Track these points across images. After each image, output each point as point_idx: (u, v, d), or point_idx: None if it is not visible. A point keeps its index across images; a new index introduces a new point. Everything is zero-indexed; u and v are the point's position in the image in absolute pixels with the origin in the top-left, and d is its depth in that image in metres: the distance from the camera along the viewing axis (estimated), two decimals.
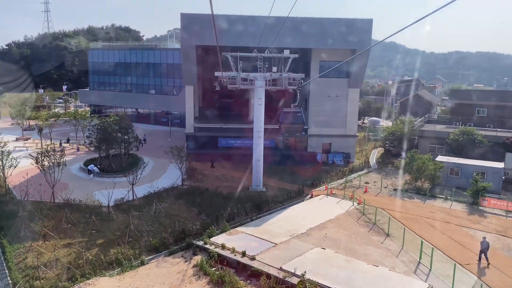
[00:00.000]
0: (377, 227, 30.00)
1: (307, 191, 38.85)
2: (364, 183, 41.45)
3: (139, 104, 78.49)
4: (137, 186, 35.70)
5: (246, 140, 50.04)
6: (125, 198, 34.22)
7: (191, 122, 49.99)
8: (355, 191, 37.67)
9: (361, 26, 47.38)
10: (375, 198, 36.71)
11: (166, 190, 37.70)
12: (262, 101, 38.42)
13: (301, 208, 33.86)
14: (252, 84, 38.64)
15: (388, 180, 43.76)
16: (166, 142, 57.46)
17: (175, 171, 40.21)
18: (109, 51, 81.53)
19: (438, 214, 33.22)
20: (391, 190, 39.76)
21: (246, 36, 45.17)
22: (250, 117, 52.99)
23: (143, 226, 30.27)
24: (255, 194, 37.84)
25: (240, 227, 29.28)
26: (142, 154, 52.03)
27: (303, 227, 29.26)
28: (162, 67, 74.63)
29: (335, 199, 35.93)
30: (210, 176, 43.61)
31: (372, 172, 47.25)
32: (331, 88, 50.37)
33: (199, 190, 37.72)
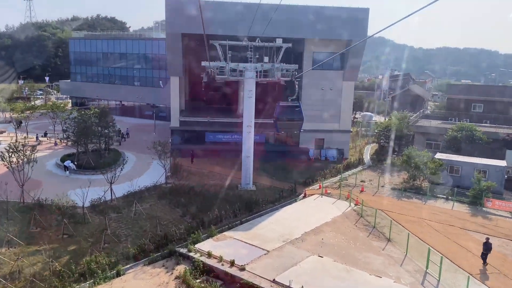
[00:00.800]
0: (377, 231, 27.68)
1: (300, 190, 36.43)
2: (360, 182, 39.15)
3: (124, 97, 75.12)
4: (117, 184, 32.83)
5: (235, 135, 47.42)
6: (102, 198, 31.28)
7: (177, 115, 47.10)
8: (351, 191, 35.33)
9: (357, 16, 44.89)
10: (372, 198, 34.43)
11: (148, 189, 34.90)
12: (253, 93, 35.75)
13: (294, 209, 31.38)
14: (242, 76, 35.92)
15: (384, 178, 41.54)
16: (150, 137, 54.45)
17: (159, 168, 37.39)
18: (91, 40, 77.77)
19: (440, 216, 31.05)
20: (389, 190, 37.53)
21: (235, 25, 42.31)
22: (239, 110, 50.38)
23: (122, 229, 27.50)
24: (244, 193, 35.31)
25: (229, 231, 26.68)
26: (124, 149, 49.02)
27: (297, 231, 26.78)
28: (148, 57, 71.38)
29: (331, 199, 33.54)
30: (196, 173, 40.89)
31: (367, 170, 45.02)
32: (325, 81, 47.94)
33: (184, 189, 35.01)
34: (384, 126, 50.17)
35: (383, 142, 51.07)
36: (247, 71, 35.30)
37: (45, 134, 54.30)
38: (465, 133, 44.45)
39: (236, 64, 35.65)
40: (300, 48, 47.04)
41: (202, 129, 47.18)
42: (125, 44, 73.36)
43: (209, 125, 47.09)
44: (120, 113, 75.89)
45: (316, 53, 47.37)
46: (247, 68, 35.31)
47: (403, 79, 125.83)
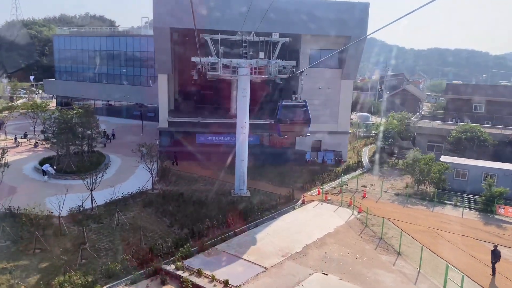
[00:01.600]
0: (385, 242, 25.18)
1: (298, 196, 33.90)
2: (361, 187, 36.69)
3: (111, 96, 71.86)
4: (99, 190, 29.97)
5: (227, 137, 44.72)
6: (82, 206, 28.45)
7: (165, 115, 44.24)
8: (353, 197, 32.85)
9: (357, 11, 42.48)
10: (376, 205, 31.96)
11: (133, 196, 32.03)
12: (247, 92, 33.09)
13: (293, 218, 28.76)
14: (235, 73, 33.24)
15: (386, 182, 39.13)
16: (137, 138, 51.58)
17: (145, 172, 34.53)
18: (76, 37, 74.41)
19: (451, 225, 28.67)
20: (392, 195, 35.10)
21: (228, 19, 39.64)
22: (232, 111, 47.67)
23: (102, 242, 24.65)
24: (238, 200, 32.65)
25: (221, 244, 23.98)
26: (109, 151, 46.07)
27: (298, 244, 24.17)
28: (136, 55, 68.24)
29: (332, 207, 30.99)
30: (186, 177, 38.11)
31: (367, 173, 42.59)
32: (322, 80, 45.45)
33: (172, 196, 32.21)
34: (384, 128, 47.82)
35: (382, 144, 48.69)
36: (241, 68, 32.63)
37: (25, 135, 51.07)
38: (469, 135, 42.26)
39: (229, 60, 32.95)
40: (296, 44, 44.47)
41: (192, 130, 44.36)
42: (111, 41, 70.16)
43: (200, 126, 44.30)
44: (106, 113, 72.73)
45: (313, 50, 44.88)
46: (241, 64, 32.64)
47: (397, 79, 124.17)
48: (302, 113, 25.89)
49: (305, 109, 26.25)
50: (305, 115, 26.00)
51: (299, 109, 26.23)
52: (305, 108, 26.27)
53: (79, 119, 39.52)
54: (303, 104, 26.45)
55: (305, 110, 26.20)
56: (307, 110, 26.05)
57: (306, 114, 25.91)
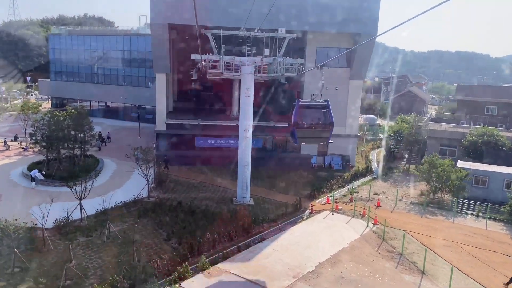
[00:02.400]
0: (406, 259, 22.58)
1: (305, 204, 31.36)
2: (373, 195, 34.10)
3: (108, 97, 69.29)
4: (90, 198, 27.44)
5: (229, 140, 42.19)
6: (69, 217, 25.84)
7: (163, 117, 41.65)
8: (366, 206, 30.29)
9: (367, 6, 39.99)
10: (391, 216, 29.37)
11: (126, 205, 29.42)
12: (251, 92, 30.55)
13: (302, 230, 26.16)
14: (238, 72, 30.73)
15: (399, 189, 36.56)
16: (134, 141, 49.02)
17: (141, 178, 31.85)
18: (72, 36, 71.85)
19: (476, 238, 26.08)
20: (408, 204, 32.50)
21: (230, 15, 37.12)
22: (233, 112, 45.21)
23: (90, 259, 22.04)
24: (241, 209, 30.04)
25: (224, 262, 21.39)
26: (104, 155, 43.47)
27: (310, 261, 21.58)
28: (134, 55, 65.70)
29: (344, 218, 28.37)
30: (185, 184, 35.52)
31: (377, 179, 39.98)
32: (329, 80, 42.63)
33: (170, 205, 29.63)
34: (395, 131, 45.22)
35: (393, 148, 46.11)
36: (244, 66, 30.11)
37: (15, 138, 48.43)
38: (486, 139, 39.71)
39: (231, 57, 30.48)
40: (302, 42, 42.03)
41: (192, 133, 41.77)
42: (108, 41, 67.69)
43: (200, 128, 41.73)
44: (103, 115, 70.26)
45: (320, 48, 42.37)
46: (244, 62, 30.13)
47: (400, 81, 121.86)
48: (323, 115, 21.23)
49: (327, 110, 21.41)
50: (327, 117, 21.28)
51: (319, 110, 21.42)
52: (327, 109, 21.42)
53: (71, 121, 36.99)
54: (325, 105, 21.39)
55: (327, 112, 21.37)
56: (329, 111, 21.28)
57: (329, 117, 21.22)
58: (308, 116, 20.86)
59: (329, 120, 20.91)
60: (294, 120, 20.28)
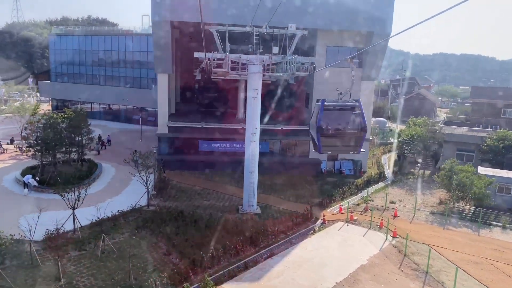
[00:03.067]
0: (433, 279, 20.29)
1: (316, 213, 29.10)
2: (389, 203, 31.78)
3: (110, 99, 67.32)
4: (85, 207, 25.34)
5: (234, 144, 40.02)
6: (61, 229, 23.72)
7: (165, 120, 39.53)
8: (383, 216, 28.01)
9: (380, 4, 37.80)
10: (411, 227, 27.07)
11: (124, 214, 27.23)
12: (258, 93, 28.37)
13: (315, 244, 23.91)
14: (244, 71, 28.55)
15: (414, 196, 34.30)
16: (136, 144, 47.07)
17: (141, 185, 29.65)
18: (73, 36, 70.05)
19: (507, 253, 23.74)
20: (427, 214, 30.16)
21: (236, 12, 35.08)
22: (239, 115, 43.13)
23: (82, 277, 19.89)
24: (247, 219, 27.88)
25: (230, 282, 19.19)
26: (103, 159, 41.39)
27: (326, 281, 19.32)
28: (137, 56, 63.72)
29: (360, 229, 26.09)
30: (188, 191, 33.35)
31: (391, 186, 37.68)
32: (339, 80, 40.54)
33: (171, 214, 27.43)
34: (409, 135, 42.89)
35: (407, 153, 43.78)
36: (251, 65, 27.92)
37: (12, 140, 46.47)
38: (508, 143, 37.36)
39: (237, 55, 28.30)
40: (312, 40, 39.84)
41: (195, 136, 39.63)
42: (110, 41, 65.79)
43: (203, 131, 39.60)
44: (104, 117, 68.42)
45: (331, 47, 40.19)
46: (251, 60, 27.94)
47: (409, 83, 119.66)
48: (354, 119, 16.16)
49: (359, 112, 16.24)
50: (360, 121, 16.13)
51: (349, 112, 16.25)
52: (358, 111, 16.26)
53: (68, 123, 34.99)
54: (356, 105, 16.27)
55: (358, 114, 16.19)
56: (361, 113, 16.22)
57: (361, 120, 16.11)
58: (336, 120, 16.01)
59: (361, 125, 15.95)
60: (318, 124, 15.56)
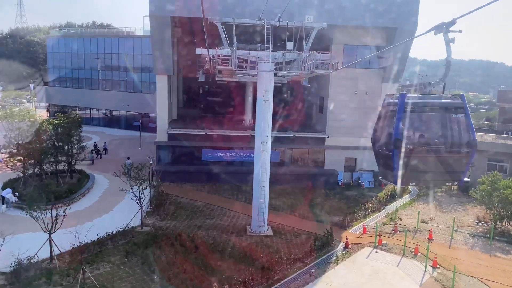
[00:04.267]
0: None
1: (337, 235, 25.03)
2: (421, 223, 27.57)
3: (109, 104, 63.83)
4: (68, 227, 21.43)
5: (241, 153, 36.12)
6: (35, 257, 19.81)
7: (164, 126, 35.69)
8: (416, 239, 23.88)
9: None
10: (451, 253, 22.88)
11: (113, 237, 23.22)
12: (270, 95, 24.43)
13: (341, 278, 19.78)
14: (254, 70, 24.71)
15: (447, 214, 30.17)
16: (135, 152, 43.43)
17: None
18: (72, 39, 66.69)
19: None
20: (467, 236, 25.90)
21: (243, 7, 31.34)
22: (246, 121, 39.28)
23: None
24: (257, 242, 23.88)
25: None
26: (97, 169, 37.71)
27: None
28: (138, 59, 60.18)
29: (391, 257, 21.95)
30: (188, 207, 29.39)
31: (417, 200, 33.51)
32: (358, 83, 36.76)
33: (168, 236, 23.45)
34: None
35: None
36: (262, 63, 24.04)
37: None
38: None
39: (246, 52, 24.42)
40: (327, 38, 35.98)
41: (198, 144, 35.74)
42: (110, 43, 62.36)
43: (207, 139, 35.68)
44: (104, 124, 64.96)
45: (348, 46, 36.29)
46: (262, 58, 24.06)
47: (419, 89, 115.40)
48: (456, 126, 10.32)
49: (463, 115, 10.37)
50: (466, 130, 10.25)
51: (447, 115, 10.34)
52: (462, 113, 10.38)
53: (55, 130, 31.31)
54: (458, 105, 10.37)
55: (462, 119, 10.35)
56: (468, 118, 10.31)
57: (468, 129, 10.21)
58: (425, 128, 10.14)
59: (469, 137, 10.07)
60: (395, 135, 9.74)
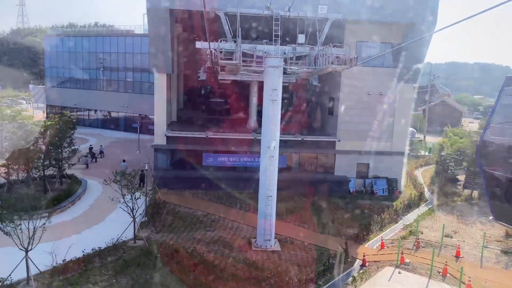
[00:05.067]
0: None
1: (352, 250, 22.39)
2: (444, 236, 24.84)
3: (108, 105, 61.35)
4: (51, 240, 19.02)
5: (244, 158, 33.49)
6: (9, 279, 17.24)
7: (163, 128, 33.11)
8: (441, 256, 21.20)
9: None
10: (484, 274, 20.17)
11: (102, 253, 20.62)
12: (278, 94, 21.80)
13: None
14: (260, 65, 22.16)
15: (471, 226, 27.48)
16: (133, 156, 41.10)
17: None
18: (69, 37, 64.25)
19: None
20: (498, 253, 23.20)
21: None
22: (250, 123, 36.74)
23: None
24: (263, 258, 21.27)
25: None
26: (91, 174, 35.24)
27: None
28: (138, 58, 57.70)
29: (417, 279, 19.25)
30: (187, 217, 26.74)
31: (437, 211, 30.78)
32: (372, 82, 34.10)
33: (163, 252, 20.83)
34: (456, 149, 35.95)
35: (452, 170, 36.86)
36: (269, 58, 21.44)
37: None
38: None
39: (252, 46, 21.85)
40: (338, 35, 33.33)
41: (198, 148, 33.12)
42: (109, 42, 59.97)
43: (208, 143, 33.08)
44: (103, 126, 62.46)
45: (361, 43, 33.66)
46: (270, 52, 21.48)
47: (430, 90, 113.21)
48: None
49: None
50: None
51: None
52: None
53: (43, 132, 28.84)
54: None
55: None
56: None
57: None
58: None
59: None
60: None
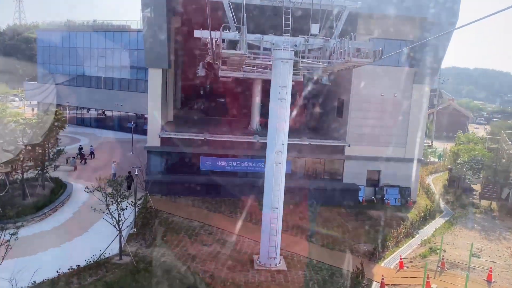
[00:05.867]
0: None
1: (367, 270, 19.62)
2: (473, 256, 22.11)
3: (102, 104, 58.50)
4: (23, 256, 16.19)
5: (245, 162, 30.74)
6: None
7: (157, 129, 30.32)
8: (471, 281, 18.51)
9: None
10: None
11: (81, 272, 17.80)
12: (287, 92, 19.06)
13: None
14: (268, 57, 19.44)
15: (496, 243, 24.83)
16: (125, 158, 38.35)
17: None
18: (63, 32, 61.43)
19: None
20: None
21: None
22: (253, 124, 34.02)
23: None
24: (268, 280, 18.52)
25: None
26: (78, 177, 32.39)
27: None
28: (134, 54, 54.90)
29: None
30: (182, 228, 23.95)
31: (456, 224, 28.10)
32: (385, 83, 31.43)
33: (151, 271, 18.04)
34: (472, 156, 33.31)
35: (469, 180, 34.22)
36: (278, 50, 18.70)
37: None
38: None
39: (258, 36, 19.09)
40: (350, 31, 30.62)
41: (195, 151, 30.33)
42: (104, 37, 57.14)
43: (207, 145, 30.29)
44: (96, 125, 59.63)
45: (375, 39, 30.95)
46: (278, 44, 18.73)
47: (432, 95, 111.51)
48: None
49: None
50: None
51: None
52: None
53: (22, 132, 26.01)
54: None
55: None
56: None
57: None
58: None
59: None
60: None
